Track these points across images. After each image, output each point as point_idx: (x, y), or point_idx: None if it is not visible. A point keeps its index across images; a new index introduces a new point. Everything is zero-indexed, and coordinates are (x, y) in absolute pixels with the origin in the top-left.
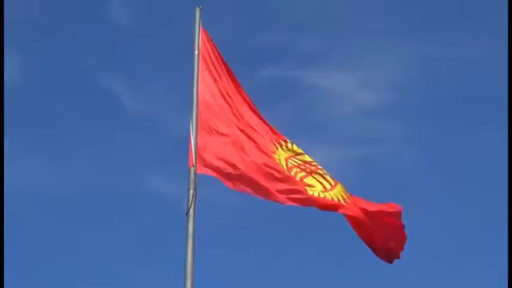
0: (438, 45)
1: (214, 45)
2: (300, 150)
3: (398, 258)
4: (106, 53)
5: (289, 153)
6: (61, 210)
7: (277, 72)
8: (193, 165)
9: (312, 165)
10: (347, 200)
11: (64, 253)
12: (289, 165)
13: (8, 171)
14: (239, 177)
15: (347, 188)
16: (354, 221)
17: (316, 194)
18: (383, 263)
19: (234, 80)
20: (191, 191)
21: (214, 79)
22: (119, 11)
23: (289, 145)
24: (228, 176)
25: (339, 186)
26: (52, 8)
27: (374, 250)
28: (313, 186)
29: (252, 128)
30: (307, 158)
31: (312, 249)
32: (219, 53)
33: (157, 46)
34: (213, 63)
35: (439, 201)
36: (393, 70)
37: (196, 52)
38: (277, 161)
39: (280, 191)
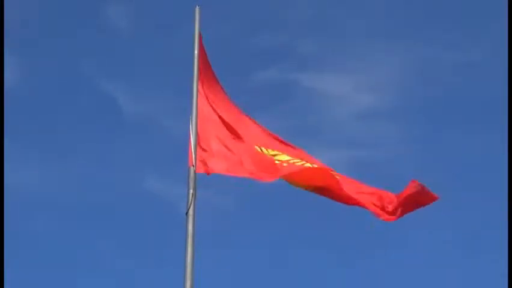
0: (438, 47)
1: (204, 51)
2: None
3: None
4: (104, 54)
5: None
6: (61, 211)
7: (276, 74)
8: (193, 165)
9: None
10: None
11: (64, 253)
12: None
13: (7, 172)
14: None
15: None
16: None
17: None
18: (384, 263)
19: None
20: (191, 191)
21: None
22: (118, 13)
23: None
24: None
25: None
26: (51, 10)
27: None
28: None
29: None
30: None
31: (311, 249)
32: (207, 59)
33: (155, 48)
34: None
35: (438, 202)
36: (392, 72)
37: (196, 52)
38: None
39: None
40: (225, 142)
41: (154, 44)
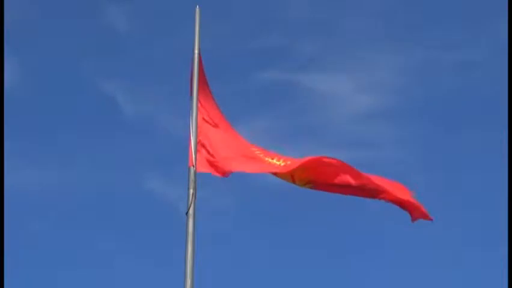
0: (437, 48)
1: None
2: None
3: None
4: (104, 55)
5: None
6: (61, 211)
7: (276, 75)
8: (193, 165)
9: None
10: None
11: (64, 253)
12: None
13: (7, 172)
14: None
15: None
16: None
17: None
18: (384, 263)
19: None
20: (191, 191)
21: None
22: (118, 13)
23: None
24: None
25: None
26: (51, 10)
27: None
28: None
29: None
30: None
31: (311, 249)
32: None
33: (155, 48)
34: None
35: (438, 203)
36: (391, 73)
37: (196, 52)
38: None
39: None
40: (228, 144)
41: (154, 44)
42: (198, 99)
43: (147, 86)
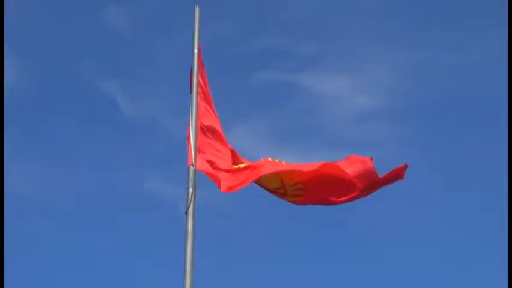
0: (437, 48)
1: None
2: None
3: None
4: (104, 55)
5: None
6: (61, 211)
7: (275, 75)
8: (193, 164)
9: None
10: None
11: (64, 253)
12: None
13: (7, 173)
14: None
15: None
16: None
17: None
18: (384, 261)
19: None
20: (190, 190)
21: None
22: (118, 13)
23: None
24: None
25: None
26: (51, 10)
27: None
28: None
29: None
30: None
31: (310, 249)
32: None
33: (154, 48)
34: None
35: (438, 203)
36: (391, 73)
37: (196, 51)
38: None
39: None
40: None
41: (154, 44)
42: (197, 99)
43: (147, 86)
